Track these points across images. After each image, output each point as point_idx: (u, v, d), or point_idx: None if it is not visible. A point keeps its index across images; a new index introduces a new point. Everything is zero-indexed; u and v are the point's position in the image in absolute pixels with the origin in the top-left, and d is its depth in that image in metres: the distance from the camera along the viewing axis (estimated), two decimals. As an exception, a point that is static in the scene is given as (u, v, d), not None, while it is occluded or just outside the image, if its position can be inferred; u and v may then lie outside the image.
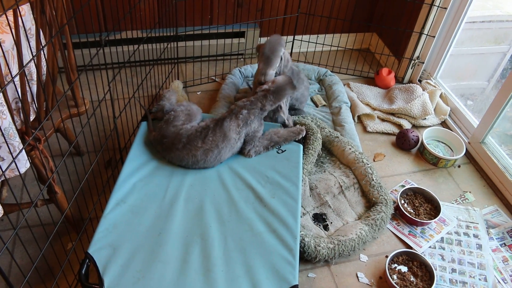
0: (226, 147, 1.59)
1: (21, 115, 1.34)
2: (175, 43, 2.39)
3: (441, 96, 2.40)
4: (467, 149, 2.18)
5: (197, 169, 1.61)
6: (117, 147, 2.04)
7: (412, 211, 1.86)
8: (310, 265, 1.65)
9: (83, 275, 1.26)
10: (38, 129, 1.20)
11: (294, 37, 2.63)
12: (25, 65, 1.07)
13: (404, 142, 2.17)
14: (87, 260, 1.28)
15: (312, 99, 2.39)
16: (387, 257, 1.68)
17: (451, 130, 2.26)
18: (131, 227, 1.38)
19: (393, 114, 2.35)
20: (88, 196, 1.79)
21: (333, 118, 2.27)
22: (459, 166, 2.13)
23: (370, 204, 1.86)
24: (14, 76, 1.00)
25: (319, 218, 1.78)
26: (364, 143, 2.21)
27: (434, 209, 1.86)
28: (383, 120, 2.34)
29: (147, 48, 2.42)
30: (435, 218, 1.80)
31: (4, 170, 1.03)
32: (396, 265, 1.66)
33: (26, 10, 1.35)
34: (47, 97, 1.38)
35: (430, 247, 1.74)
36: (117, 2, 2.25)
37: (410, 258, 1.68)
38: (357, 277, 1.63)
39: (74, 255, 1.56)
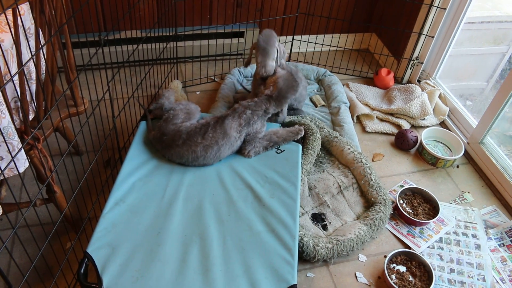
0: (225, 145, 1.60)
1: (20, 114, 1.35)
2: (175, 43, 2.39)
3: (440, 97, 2.40)
4: (466, 149, 2.18)
5: (197, 166, 1.61)
6: (116, 146, 2.04)
7: (410, 211, 1.86)
8: (308, 264, 1.65)
9: (82, 274, 1.26)
10: (37, 128, 1.20)
11: (294, 37, 2.64)
12: (24, 64, 1.07)
13: (403, 142, 2.17)
14: (86, 260, 1.28)
15: (311, 99, 2.39)
16: (385, 257, 1.69)
17: (450, 131, 2.26)
18: (130, 226, 1.38)
19: (392, 114, 2.36)
20: (87, 196, 1.79)
21: (332, 118, 2.27)
22: (457, 166, 2.14)
23: (369, 204, 1.86)
24: (13, 75, 1.00)
25: (318, 218, 1.79)
26: (363, 143, 2.21)
27: (432, 209, 1.86)
28: (382, 120, 2.35)
29: (146, 48, 2.42)
30: (433, 218, 1.80)
31: (3, 169, 1.04)
32: (394, 265, 1.66)
33: (25, 9, 1.35)
34: (46, 96, 1.38)
35: (428, 247, 1.75)
36: (116, 2, 2.25)
37: (409, 258, 1.68)
38: (356, 277, 1.63)
39: (73, 255, 1.56)
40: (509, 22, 2.52)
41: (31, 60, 1.32)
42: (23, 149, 1.28)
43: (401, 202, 1.89)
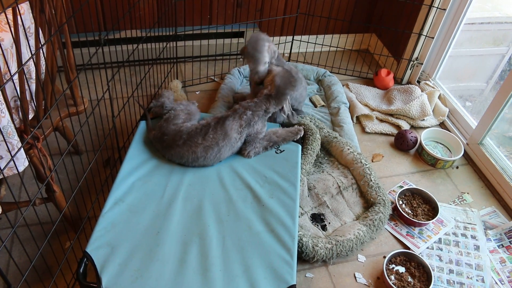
0: (226, 146, 1.60)
1: (20, 113, 1.34)
2: (174, 42, 2.39)
3: (439, 97, 2.40)
4: (465, 150, 2.18)
5: (197, 167, 1.61)
6: (115, 146, 2.04)
7: (410, 211, 1.86)
8: (308, 265, 1.65)
9: (81, 274, 1.26)
10: (37, 128, 1.20)
11: (294, 37, 2.64)
12: (24, 63, 1.07)
13: (402, 143, 2.17)
14: (85, 259, 1.28)
15: (311, 100, 2.39)
16: (385, 257, 1.69)
17: (450, 131, 2.26)
18: (129, 226, 1.38)
19: (391, 115, 2.36)
20: (87, 195, 1.79)
21: (332, 119, 2.27)
22: (457, 167, 2.14)
23: (368, 204, 1.86)
24: (13, 74, 1.00)
25: (317, 218, 1.79)
26: (363, 143, 2.21)
27: (432, 210, 1.86)
28: (381, 120, 2.35)
29: (146, 47, 2.42)
30: (433, 219, 1.81)
31: (2, 169, 1.04)
32: (393, 265, 1.66)
33: (25, 8, 1.35)
34: (46, 95, 1.38)
35: (427, 248, 1.75)
36: (116, 2, 2.25)
37: (408, 259, 1.68)
38: (355, 277, 1.63)
39: (72, 254, 1.56)
40: (509, 23, 2.52)
41: (31, 60, 1.32)
42: (22, 148, 1.28)
43: (400, 202, 1.89)
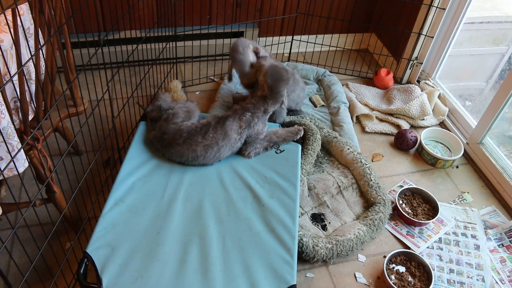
0: (226, 146, 1.60)
1: (20, 114, 1.34)
2: (174, 43, 2.39)
3: (439, 97, 2.40)
4: (465, 149, 2.18)
5: (196, 165, 1.61)
6: (115, 146, 2.04)
7: (410, 211, 1.86)
8: (308, 265, 1.65)
9: (81, 274, 1.26)
10: (37, 129, 1.20)
11: (293, 37, 2.63)
12: (23, 64, 1.07)
13: (402, 143, 2.17)
14: (86, 260, 1.28)
15: (310, 99, 2.39)
16: (385, 257, 1.69)
17: (450, 131, 2.26)
18: (129, 226, 1.38)
19: (391, 115, 2.36)
20: (87, 196, 1.79)
21: (332, 118, 2.27)
22: (457, 167, 2.14)
23: (368, 204, 1.86)
24: (12, 75, 1.00)
25: (318, 218, 1.79)
26: (363, 143, 2.21)
27: (432, 210, 1.86)
28: (381, 120, 2.35)
29: (145, 48, 2.42)
30: (433, 219, 1.81)
31: (2, 170, 1.04)
32: (394, 265, 1.66)
33: (24, 9, 1.35)
34: (46, 96, 1.38)
35: (428, 247, 1.75)
36: (115, 2, 2.25)
37: (408, 259, 1.68)
38: (355, 277, 1.64)
39: (72, 255, 1.56)
40: (509, 23, 2.52)
41: (31, 60, 1.32)
42: (22, 149, 1.28)
43: (400, 202, 1.89)
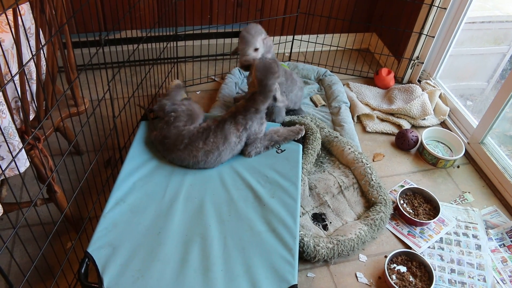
0: (226, 149, 1.59)
1: (21, 114, 1.34)
2: (175, 42, 2.39)
3: (440, 97, 2.40)
4: (466, 149, 2.18)
5: (197, 169, 1.61)
6: (116, 146, 2.04)
7: (411, 211, 1.86)
8: (309, 264, 1.65)
9: (82, 274, 1.26)
10: (38, 128, 1.20)
11: (294, 37, 2.63)
12: (24, 64, 1.07)
13: (403, 142, 2.17)
14: (87, 259, 1.28)
15: (311, 99, 2.39)
16: (386, 257, 1.69)
17: (451, 131, 2.26)
18: (130, 226, 1.38)
19: (392, 114, 2.36)
20: (88, 195, 1.79)
21: (333, 118, 2.27)
22: (458, 167, 2.13)
23: (370, 204, 1.86)
24: (14, 75, 1.00)
25: (319, 218, 1.79)
26: (364, 143, 2.21)
27: (433, 210, 1.86)
28: (382, 120, 2.34)
29: (146, 47, 2.42)
30: (434, 219, 1.80)
31: (4, 169, 1.04)
32: (395, 265, 1.66)
33: (25, 9, 1.35)
34: (47, 96, 1.38)
35: (429, 247, 1.75)
36: (116, 2, 2.25)
37: (409, 258, 1.68)
38: (356, 277, 1.63)
39: (73, 254, 1.56)
40: (510, 22, 2.52)
41: (32, 60, 1.32)
42: (23, 149, 1.28)
43: (401, 202, 1.89)
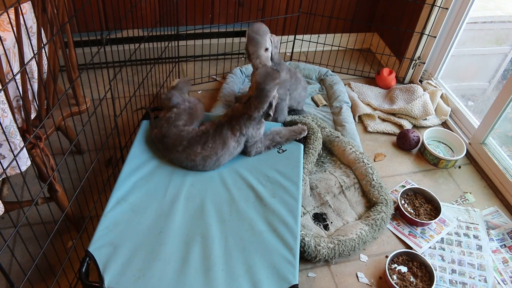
0: (225, 154, 1.58)
1: (22, 113, 1.35)
2: (176, 42, 2.39)
3: (442, 97, 2.40)
4: (467, 150, 2.18)
5: (196, 171, 1.60)
6: (117, 145, 2.04)
7: (412, 211, 1.86)
8: (310, 264, 1.65)
9: (83, 273, 1.26)
10: (39, 127, 1.20)
11: (295, 37, 2.63)
12: (26, 63, 1.07)
13: (404, 143, 2.16)
14: (88, 258, 1.28)
15: (313, 99, 2.39)
16: (387, 257, 1.68)
17: (452, 131, 2.26)
18: (131, 225, 1.38)
19: (393, 114, 2.35)
20: (89, 195, 1.79)
21: (334, 118, 2.27)
22: (459, 167, 2.13)
23: (371, 204, 1.86)
24: (15, 74, 1.00)
25: (320, 218, 1.78)
26: (365, 143, 2.21)
27: (434, 210, 1.86)
28: (383, 120, 2.34)
29: (148, 47, 2.42)
30: (435, 219, 1.80)
31: (5, 168, 1.04)
32: (396, 265, 1.66)
33: (27, 8, 1.35)
34: (48, 95, 1.38)
35: (430, 247, 1.74)
36: (118, 1, 2.25)
37: (410, 259, 1.68)
38: (357, 277, 1.63)
39: (74, 253, 1.56)
40: (512, 22, 2.51)
41: (33, 59, 1.32)
42: (25, 148, 1.28)
43: (402, 202, 1.89)
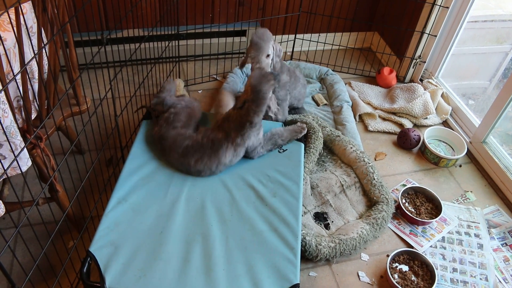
0: (220, 167, 1.57)
1: (23, 113, 1.35)
2: (177, 41, 2.39)
3: (442, 96, 2.40)
4: (468, 148, 2.17)
5: None
6: (118, 145, 2.04)
7: (413, 210, 1.86)
8: (311, 264, 1.65)
9: (84, 273, 1.26)
10: (40, 128, 1.20)
11: (296, 36, 2.63)
12: (26, 63, 1.07)
13: (405, 141, 2.16)
14: (89, 259, 1.28)
15: (313, 98, 2.39)
16: (388, 256, 1.68)
17: (453, 130, 2.26)
18: (132, 225, 1.38)
19: (394, 113, 2.35)
20: (90, 195, 1.79)
21: (335, 117, 2.26)
22: (460, 166, 2.13)
23: (371, 203, 1.86)
24: (16, 74, 1.00)
25: (320, 217, 1.78)
26: (365, 142, 2.20)
27: (435, 209, 1.86)
28: (384, 119, 2.34)
29: (148, 46, 2.42)
30: (436, 218, 1.80)
31: (6, 168, 1.04)
32: (397, 264, 1.66)
33: (27, 8, 1.35)
34: (49, 95, 1.38)
35: (431, 246, 1.74)
36: (118, 1, 2.25)
37: (411, 257, 1.68)
38: (358, 276, 1.63)
39: (75, 254, 1.56)
40: (512, 21, 2.51)
41: (34, 59, 1.32)
42: (25, 148, 1.28)
43: (403, 201, 1.89)
